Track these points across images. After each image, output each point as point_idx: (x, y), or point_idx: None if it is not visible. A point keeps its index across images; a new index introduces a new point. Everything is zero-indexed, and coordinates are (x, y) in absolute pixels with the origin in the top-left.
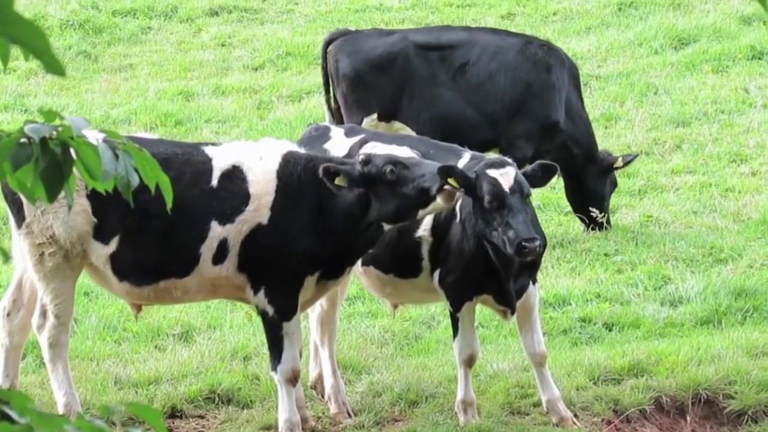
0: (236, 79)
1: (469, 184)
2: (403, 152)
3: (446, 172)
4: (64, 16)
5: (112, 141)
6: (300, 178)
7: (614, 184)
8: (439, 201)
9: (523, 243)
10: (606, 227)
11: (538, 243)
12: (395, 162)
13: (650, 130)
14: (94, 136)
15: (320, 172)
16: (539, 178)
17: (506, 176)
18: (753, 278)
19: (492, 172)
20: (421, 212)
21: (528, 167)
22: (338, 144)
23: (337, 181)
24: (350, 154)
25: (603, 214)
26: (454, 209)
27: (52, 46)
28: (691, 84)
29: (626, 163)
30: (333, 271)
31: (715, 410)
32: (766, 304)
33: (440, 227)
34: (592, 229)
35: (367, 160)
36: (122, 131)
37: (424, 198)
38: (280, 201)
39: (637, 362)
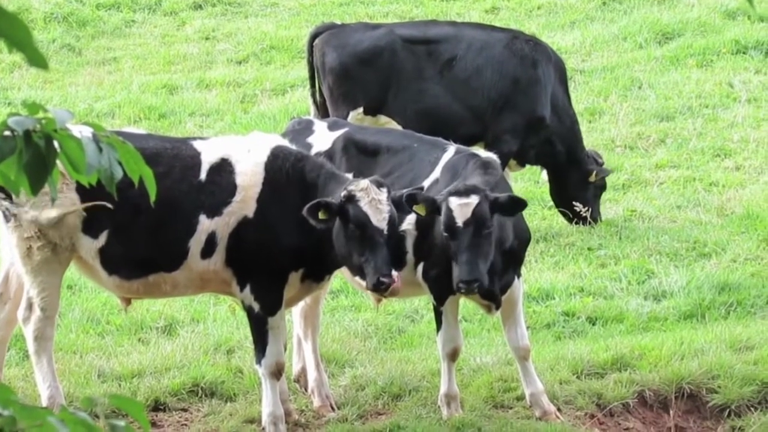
0: (220, 72)
1: (435, 208)
2: (384, 215)
3: (412, 199)
4: (48, 9)
5: (97, 134)
6: (288, 174)
7: (603, 186)
8: (368, 292)
9: (460, 284)
10: (590, 222)
11: (474, 287)
12: (365, 227)
13: (634, 124)
14: (77, 130)
15: (304, 213)
16: (507, 210)
17: (465, 208)
18: (736, 273)
19: (453, 201)
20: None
21: (502, 196)
22: (321, 138)
23: (320, 215)
24: (333, 148)
25: (587, 208)
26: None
27: (36, 39)
28: (676, 78)
29: (599, 178)
30: (316, 271)
31: (699, 404)
32: (749, 298)
33: (424, 221)
34: (576, 223)
35: (350, 199)
36: (106, 124)
37: (361, 277)
38: (267, 194)
39: (621, 356)
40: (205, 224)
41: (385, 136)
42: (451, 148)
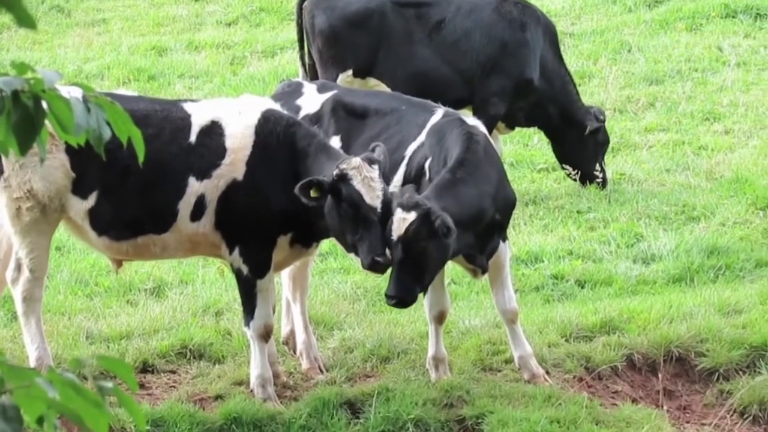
0: (209, 34)
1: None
2: (378, 192)
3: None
4: None
5: (86, 95)
6: (278, 138)
7: (604, 142)
8: (362, 268)
9: (385, 295)
10: (599, 182)
11: (392, 302)
12: (359, 206)
13: (624, 87)
14: (66, 91)
15: (296, 191)
16: (442, 231)
17: (402, 223)
18: (725, 236)
19: (396, 213)
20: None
21: (438, 218)
22: (310, 100)
23: (312, 193)
24: (322, 110)
25: (576, 171)
26: (423, 167)
27: (25, 0)
28: (665, 42)
29: (591, 132)
30: (305, 236)
31: (687, 368)
32: (738, 262)
33: (411, 183)
34: (590, 183)
35: (343, 177)
36: (95, 86)
37: (354, 254)
38: (257, 157)
39: (609, 319)
40: (195, 187)
41: (373, 99)
42: (439, 111)
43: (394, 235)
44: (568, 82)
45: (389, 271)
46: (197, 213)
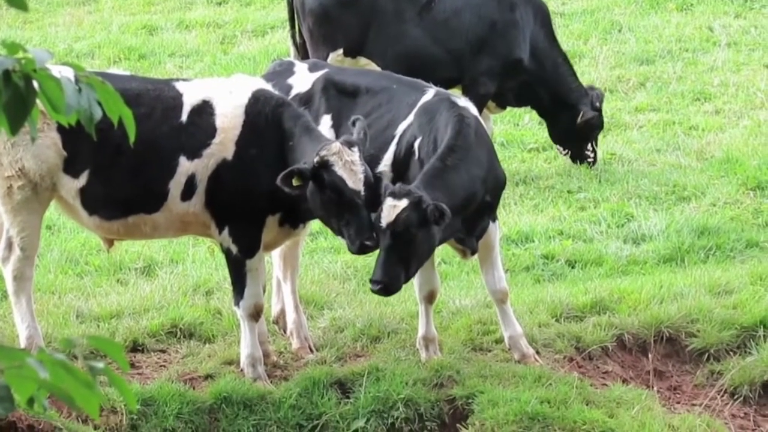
0: (200, 13)
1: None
2: (360, 175)
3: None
4: None
5: (78, 75)
6: (267, 118)
7: (597, 126)
8: (351, 252)
9: (370, 282)
10: (589, 162)
11: (377, 288)
12: (342, 192)
13: (614, 67)
14: (57, 70)
15: (278, 182)
16: (434, 218)
17: (392, 210)
18: (716, 216)
19: (386, 201)
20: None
21: (430, 205)
22: (302, 79)
23: (294, 182)
24: (313, 89)
25: (566, 151)
26: (413, 147)
27: None
28: (656, 22)
29: (584, 121)
30: (293, 217)
31: (677, 348)
32: (728, 242)
33: (400, 163)
34: (580, 163)
35: (324, 164)
36: (86, 65)
37: (342, 238)
38: (246, 137)
39: (600, 300)
40: (185, 166)
41: (364, 77)
42: (431, 91)
43: (383, 222)
44: (561, 63)
45: (376, 253)
46: (188, 192)
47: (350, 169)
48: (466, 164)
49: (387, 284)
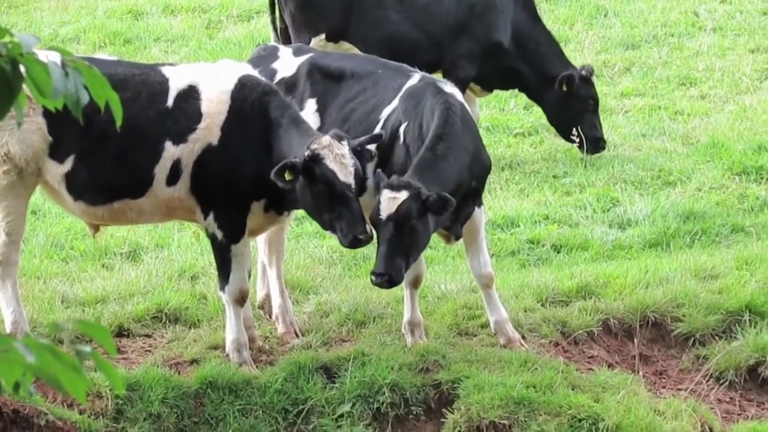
0: None
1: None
2: (350, 169)
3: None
4: None
5: (64, 59)
6: (253, 104)
7: (589, 102)
8: (343, 246)
9: (372, 275)
10: (585, 145)
11: (383, 280)
12: (333, 185)
13: (600, 52)
14: (44, 55)
15: (272, 177)
16: (436, 208)
17: (391, 203)
18: (701, 201)
19: (384, 192)
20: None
21: (431, 194)
22: (286, 63)
23: (286, 176)
24: (298, 73)
25: (577, 139)
26: (398, 131)
27: None
28: (641, 7)
29: (570, 86)
30: (278, 203)
31: (663, 333)
32: (714, 227)
33: (385, 147)
34: (580, 147)
35: (315, 158)
36: (71, 50)
37: (332, 232)
38: (231, 122)
39: (585, 284)
40: (171, 151)
41: (349, 62)
42: (416, 76)
43: (383, 214)
44: (544, 44)
45: (380, 250)
46: (173, 177)
47: (340, 162)
48: (455, 152)
49: (391, 276)
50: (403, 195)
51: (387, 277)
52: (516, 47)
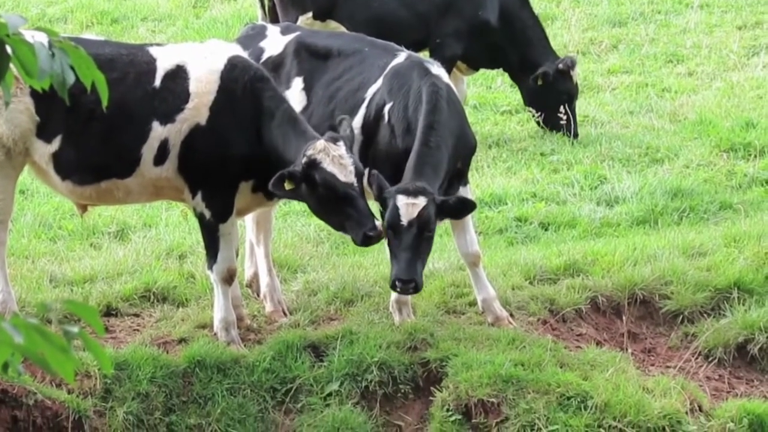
0: None
1: (380, 199)
2: (350, 168)
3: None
4: None
5: (52, 40)
6: (244, 87)
7: (567, 90)
8: (356, 245)
9: (397, 282)
10: (558, 132)
11: (410, 287)
12: (335, 187)
13: (587, 30)
14: (30, 35)
15: (270, 187)
16: (455, 212)
17: (412, 208)
18: (689, 178)
19: (400, 200)
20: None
21: (451, 198)
22: (274, 42)
23: (287, 185)
24: (285, 51)
25: (539, 114)
26: (382, 110)
27: None
28: None
29: (541, 77)
30: (266, 186)
31: (651, 310)
32: (702, 204)
33: (370, 126)
34: (551, 129)
35: (312, 164)
36: (58, 29)
37: (344, 233)
38: (220, 102)
39: (573, 262)
40: (158, 131)
41: (336, 40)
42: (402, 54)
43: (404, 220)
44: (530, 26)
45: (402, 256)
46: (160, 157)
47: (339, 163)
48: (445, 140)
49: (416, 282)
50: (422, 201)
51: (414, 284)
52: (503, 26)
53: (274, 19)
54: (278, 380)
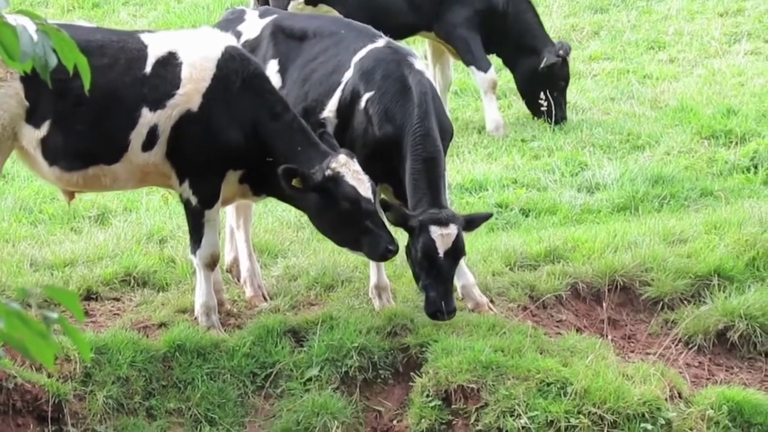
0: None
1: (407, 228)
2: (367, 184)
3: (290, 174)
4: None
5: (35, 23)
6: (244, 80)
7: (560, 83)
8: (373, 260)
9: (438, 313)
10: (546, 116)
11: (449, 317)
12: (358, 201)
13: (568, 16)
14: (13, 19)
15: (279, 172)
16: (478, 226)
17: (446, 238)
18: (670, 165)
19: (433, 230)
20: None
21: (473, 217)
22: (251, 25)
23: (294, 182)
24: (261, 34)
25: (545, 103)
26: (359, 94)
27: None
28: None
29: (547, 66)
30: (255, 180)
31: (632, 297)
32: (682, 191)
33: (345, 110)
34: (548, 114)
35: (335, 177)
36: (39, 13)
37: (358, 248)
38: (215, 91)
39: (554, 248)
40: (147, 117)
41: (313, 22)
42: (381, 41)
43: (441, 251)
44: (524, 11)
45: (441, 288)
46: (149, 143)
47: (358, 178)
48: (439, 143)
49: (456, 309)
50: (454, 229)
51: (454, 313)
52: (497, 12)
53: (266, 3)
54: (258, 365)
